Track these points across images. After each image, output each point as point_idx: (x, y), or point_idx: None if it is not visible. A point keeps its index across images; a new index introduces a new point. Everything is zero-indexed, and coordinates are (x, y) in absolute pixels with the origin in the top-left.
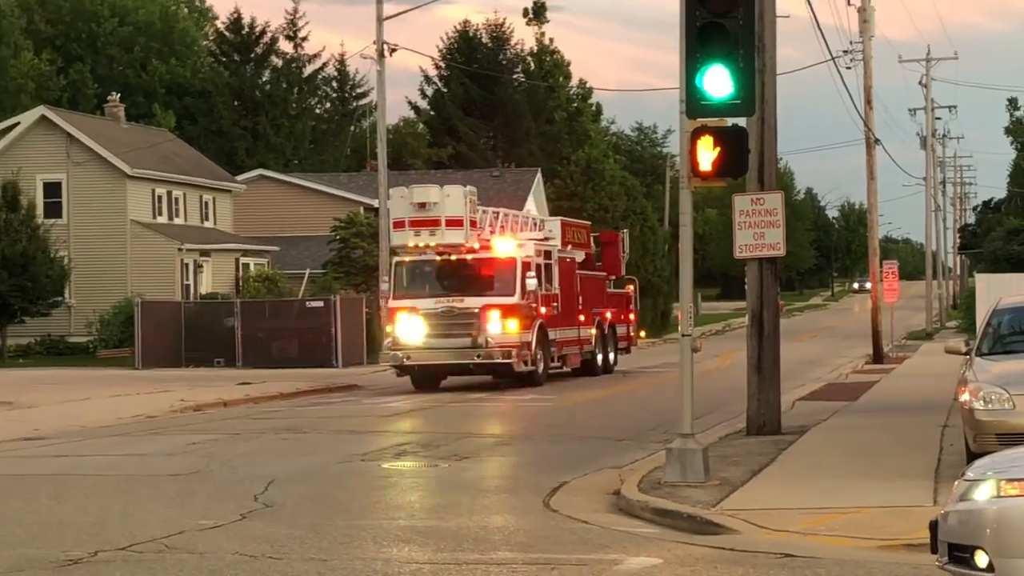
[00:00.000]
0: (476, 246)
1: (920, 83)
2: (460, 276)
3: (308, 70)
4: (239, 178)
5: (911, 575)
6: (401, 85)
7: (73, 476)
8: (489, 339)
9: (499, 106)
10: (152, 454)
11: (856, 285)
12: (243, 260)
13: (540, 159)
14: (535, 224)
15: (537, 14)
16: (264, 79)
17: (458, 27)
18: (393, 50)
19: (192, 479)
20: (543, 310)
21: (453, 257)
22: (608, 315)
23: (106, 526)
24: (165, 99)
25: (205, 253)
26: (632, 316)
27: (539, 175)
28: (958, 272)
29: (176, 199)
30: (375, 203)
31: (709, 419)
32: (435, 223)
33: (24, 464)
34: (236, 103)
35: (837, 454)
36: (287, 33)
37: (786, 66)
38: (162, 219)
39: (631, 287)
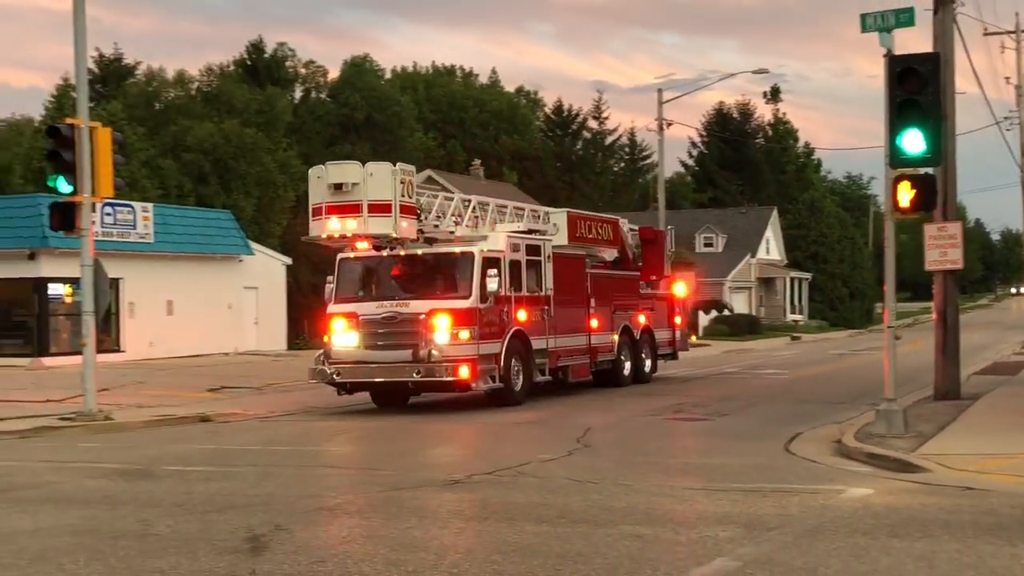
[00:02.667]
0: (413, 238)
1: None
2: (410, 276)
3: (608, 140)
4: None
5: None
6: (674, 148)
7: (453, 425)
8: (433, 351)
9: (745, 162)
10: (508, 410)
11: (1014, 290)
12: None
13: (775, 200)
14: (535, 216)
15: (773, 96)
16: (578, 147)
17: (715, 107)
18: (669, 124)
19: (534, 426)
20: (522, 315)
21: (402, 252)
22: (642, 319)
23: (476, 458)
24: (510, 163)
25: None
26: (678, 320)
27: (775, 212)
28: None
29: None
30: None
31: (905, 388)
32: (355, 209)
33: (416, 417)
34: (558, 164)
35: (1004, 414)
36: (593, 115)
37: (962, 128)
38: None
39: (678, 288)
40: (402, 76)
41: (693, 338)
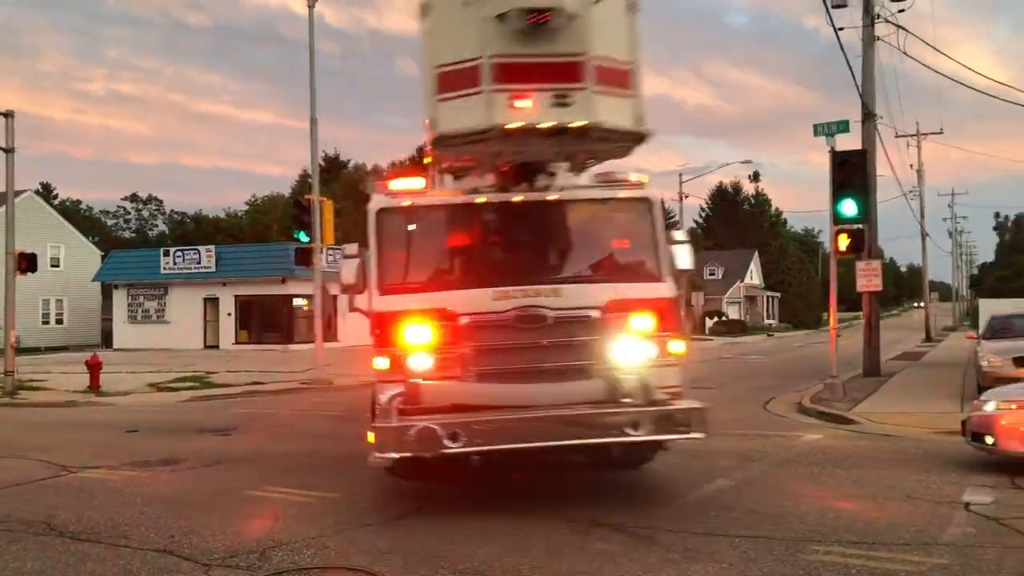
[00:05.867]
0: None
1: (949, 205)
2: (540, 239)
3: None
4: None
5: (951, 448)
6: (690, 212)
7: None
8: (649, 382)
9: (736, 221)
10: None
11: (916, 304)
12: None
13: (757, 245)
14: None
15: (755, 177)
16: None
17: (716, 185)
18: (686, 196)
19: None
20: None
21: (517, 198)
22: None
23: None
24: None
25: None
26: None
27: (756, 253)
28: (969, 298)
29: None
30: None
31: (843, 369)
32: (570, 72)
33: None
34: None
35: (911, 386)
36: None
37: (881, 198)
38: None
39: None
40: None
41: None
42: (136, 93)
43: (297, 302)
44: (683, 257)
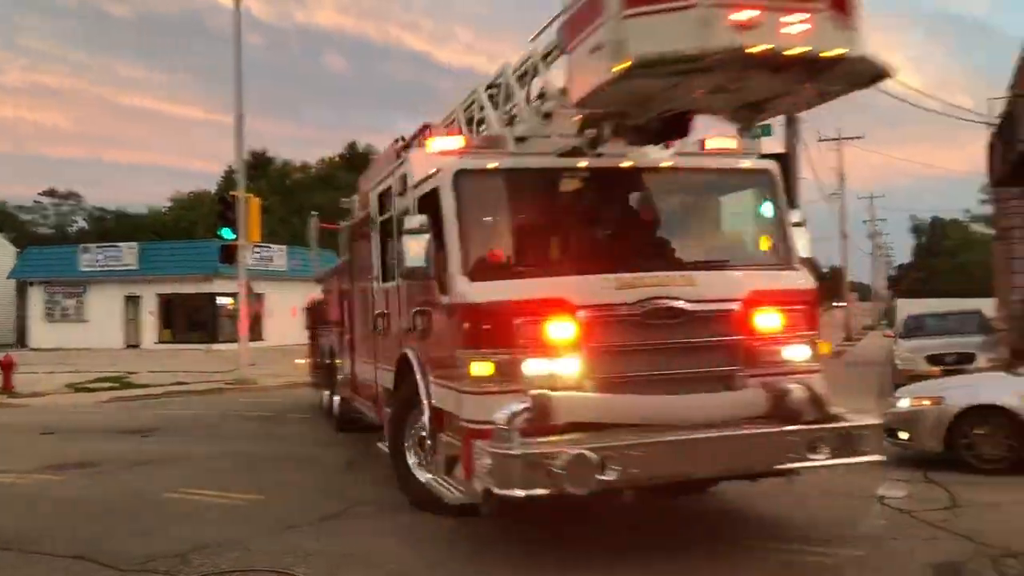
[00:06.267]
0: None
1: (868, 209)
2: (655, 215)
3: None
4: None
5: None
6: None
7: None
8: (817, 391)
9: None
10: None
11: (836, 304)
12: None
13: None
14: None
15: None
16: None
17: None
18: None
19: None
20: None
21: (623, 164)
22: None
23: None
24: None
25: None
26: None
27: None
28: (888, 298)
29: None
30: None
31: None
32: None
33: None
34: None
35: (831, 383)
36: None
37: (805, 200)
38: None
39: None
40: None
41: None
42: (55, 85)
43: (222, 300)
44: (804, 243)
